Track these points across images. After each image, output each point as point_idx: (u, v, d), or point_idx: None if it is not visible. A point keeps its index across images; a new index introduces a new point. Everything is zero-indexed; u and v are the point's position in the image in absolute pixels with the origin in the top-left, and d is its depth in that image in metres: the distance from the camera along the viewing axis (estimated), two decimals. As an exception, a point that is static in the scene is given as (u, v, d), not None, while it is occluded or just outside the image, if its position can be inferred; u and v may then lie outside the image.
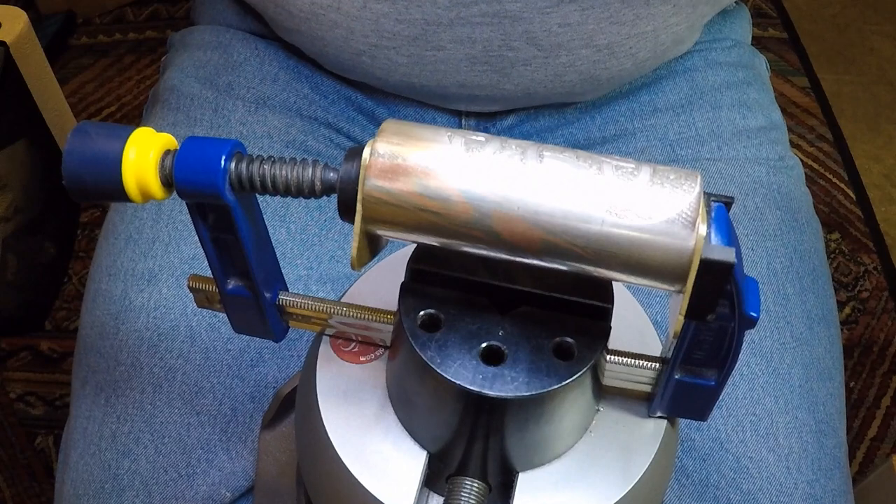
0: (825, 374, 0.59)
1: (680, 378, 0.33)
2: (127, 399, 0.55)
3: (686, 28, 0.63)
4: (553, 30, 0.58)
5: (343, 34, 0.60)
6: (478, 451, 0.34)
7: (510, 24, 0.58)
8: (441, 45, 0.59)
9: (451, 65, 0.60)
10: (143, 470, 0.53)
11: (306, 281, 0.60)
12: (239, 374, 0.55)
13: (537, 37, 0.58)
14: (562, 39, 0.59)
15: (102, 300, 0.60)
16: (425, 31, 0.59)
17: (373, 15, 0.58)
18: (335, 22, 0.60)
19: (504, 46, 0.59)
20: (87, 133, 0.31)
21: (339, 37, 0.61)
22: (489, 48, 0.59)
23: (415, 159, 0.29)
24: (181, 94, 0.68)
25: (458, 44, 0.59)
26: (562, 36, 0.58)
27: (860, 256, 1.38)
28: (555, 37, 0.58)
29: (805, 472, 0.54)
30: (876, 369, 1.26)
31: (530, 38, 0.58)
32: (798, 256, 0.62)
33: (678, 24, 0.62)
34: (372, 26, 0.59)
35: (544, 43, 0.59)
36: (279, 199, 0.62)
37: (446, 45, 0.59)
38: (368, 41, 0.60)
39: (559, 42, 0.59)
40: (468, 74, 0.61)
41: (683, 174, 0.29)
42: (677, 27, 0.62)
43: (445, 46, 0.59)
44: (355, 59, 0.62)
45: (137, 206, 0.62)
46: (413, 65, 0.61)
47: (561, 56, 0.60)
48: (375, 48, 0.60)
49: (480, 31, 0.58)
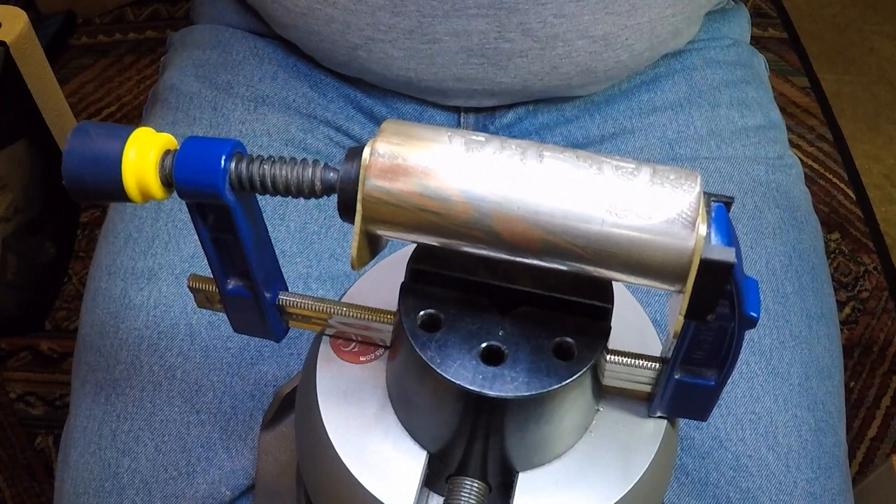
0: (824, 372, 0.59)
1: (680, 378, 0.33)
2: (127, 397, 0.55)
3: (683, 20, 0.64)
4: (548, 20, 0.58)
5: (339, 28, 0.61)
6: (478, 451, 0.34)
7: (505, 16, 0.58)
8: (436, 38, 0.59)
9: (448, 57, 0.61)
10: (143, 468, 0.53)
11: (306, 279, 0.60)
12: (239, 372, 0.55)
13: (532, 28, 0.59)
14: (557, 30, 0.59)
15: (102, 299, 0.60)
16: (421, 24, 0.59)
17: (368, 8, 0.59)
18: (331, 16, 0.60)
19: (500, 38, 0.59)
20: (87, 133, 0.31)
21: (335, 31, 0.61)
22: (485, 40, 0.59)
23: (415, 159, 0.29)
24: (180, 92, 0.68)
25: (454, 36, 0.59)
26: (557, 27, 0.59)
27: (860, 256, 1.38)
28: (550, 28, 0.59)
29: (804, 471, 0.54)
30: (876, 369, 1.26)
31: (525, 29, 0.59)
32: (797, 255, 0.62)
33: (674, 15, 0.62)
34: (368, 19, 0.59)
35: (540, 34, 0.59)
36: (277, 198, 0.62)
37: (442, 37, 0.59)
38: (364, 34, 0.60)
39: (555, 33, 0.59)
40: (464, 67, 0.61)
41: (683, 174, 0.29)
42: (674, 18, 0.62)
43: (441, 39, 0.60)
44: (351, 53, 0.62)
45: (137, 205, 0.63)
46: (409, 58, 0.61)
47: (557, 47, 0.60)
48: (371, 41, 0.61)
49: (476, 23, 0.59)
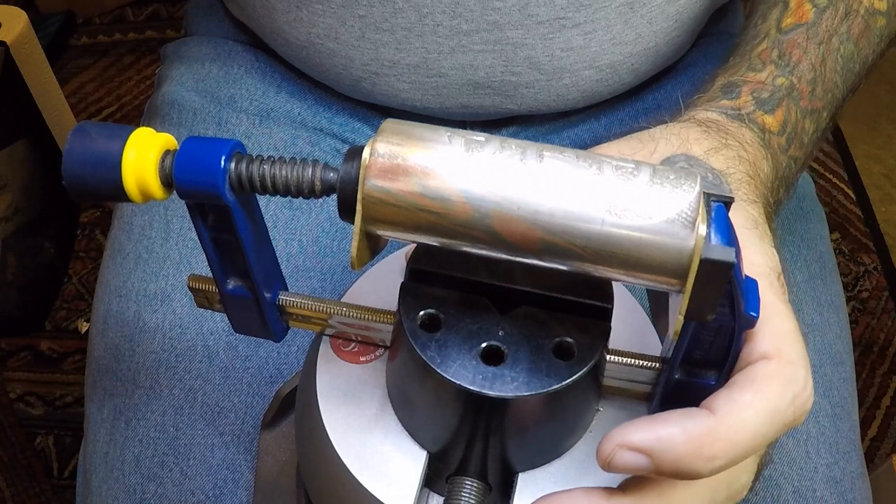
0: (837, 358, 0.59)
1: (680, 378, 0.33)
2: (149, 422, 0.55)
3: (687, 38, 0.64)
4: (556, 54, 0.58)
5: (342, 62, 0.60)
6: (478, 451, 0.34)
7: (512, 51, 0.58)
8: (442, 72, 0.59)
9: (454, 89, 0.60)
10: (170, 493, 0.53)
11: (321, 294, 0.59)
12: (259, 391, 0.55)
13: (540, 62, 0.58)
14: (565, 63, 0.59)
15: (115, 322, 0.59)
16: (426, 59, 0.58)
17: (371, 45, 0.58)
18: (333, 51, 0.60)
19: (506, 72, 0.59)
20: (86, 133, 0.31)
21: (337, 64, 0.60)
22: (491, 74, 0.59)
23: (415, 159, 0.29)
24: (182, 108, 0.67)
25: (460, 70, 0.59)
26: (564, 60, 0.58)
27: (860, 256, 1.38)
28: (557, 61, 0.58)
29: (824, 456, 0.54)
30: (876, 369, 1.26)
31: (533, 63, 0.58)
32: (805, 244, 0.63)
33: (679, 36, 0.62)
34: (371, 55, 0.59)
35: (547, 67, 0.59)
36: (288, 214, 0.61)
37: (447, 71, 0.59)
38: (368, 69, 0.60)
39: (562, 66, 0.59)
40: (471, 97, 0.61)
41: (683, 174, 0.29)
42: (678, 39, 0.62)
43: (447, 73, 0.59)
44: (356, 84, 0.62)
45: (145, 225, 0.62)
46: (415, 90, 0.60)
47: (564, 78, 0.60)
48: (376, 76, 0.60)
49: (482, 58, 0.58)
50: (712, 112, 0.45)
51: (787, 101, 0.47)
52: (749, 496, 0.52)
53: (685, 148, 0.41)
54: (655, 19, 0.59)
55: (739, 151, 0.42)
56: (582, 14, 0.56)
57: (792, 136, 0.47)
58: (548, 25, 0.57)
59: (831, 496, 0.53)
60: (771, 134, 0.46)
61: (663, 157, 0.41)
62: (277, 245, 0.59)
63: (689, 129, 0.43)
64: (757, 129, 0.45)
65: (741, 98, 0.47)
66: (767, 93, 0.47)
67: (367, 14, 0.57)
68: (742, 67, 0.49)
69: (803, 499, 0.52)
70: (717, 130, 0.43)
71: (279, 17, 0.60)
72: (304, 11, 0.58)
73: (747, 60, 0.49)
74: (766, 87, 0.47)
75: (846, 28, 0.50)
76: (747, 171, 0.42)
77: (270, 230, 0.35)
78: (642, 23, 0.58)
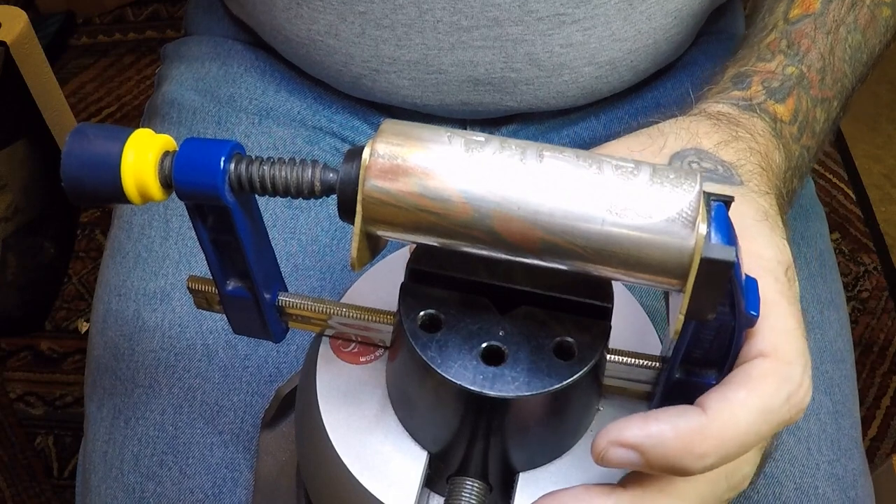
0: (838, 356, 0.59)
1: (680, 377, 0.33)
2: (147, 421, 0.55)
3: (687, 36, 0.64)
4: (555, 51, 0.58)
5: (342, 59, 0.60)
6: (478, 452, 0.34)
7: (512, 47, 0.58)
8: (442, 69, 0.59)
9: (454, 86, 0.60)
10: (170, 492, 0.53)
11: (320, 293, 0.59)
12: (258, 391, 0.55)
13: (539, 58, 0.58)
14: (564, 59, 0.59)
15: (114, 321, 0.59)
16: (426, 56, 0.59)
17: (371, 41, 0.58)
18: (333, 48, 0.60)
19: (506, 68, 0.59)
20: (85, 135, 0.31)
21: (337, 61, 0.61)
22: (491, 70, 0.59)
23: (414, 160, 0.29)
24: (182, 107, 0.67)
25: (460, 67, 0.59)
26: (564, 56, 0.59)
27: (860, 256, 1.38)
28: (557, 57, 0.59)
29: (826, 453, 0.54)
30: (876, 369, 1.26)
31: (532, 59, 0.59)
32: (805, 241, 0.63)
33: (679, 33, 0.62)
34: (371, 52, 0.59)
35: (546, 63, 0.59)
36: (288, 213, 0.62)
37: (448, 68, 0.59)
38: (369, 66, 0.60)
39: (562, 62, 0.59)
40: (470, 94, 0.61)
41: (683, 173, 0.29)
42: (678, 36, 0.63)
43: (447, 70, 0.59)
44: (356, 81, 0.62)
45: (144, 225, 0.62)
46: (415, 87, 0.61)
47: (564, 75, 0.60)
48: (376, 73, 0.60)
49: (482, 55, 0.58)
50: (723, 104, 0.45)
51: (797, 89, 0.47)
52: (751, 493, 0.52)
53: (695, 142, 0.41)
54: (654, 16, 0.59)
55: (750, 143, 0.42)
56: (581, 10, 0.57)
57: (804, 125, 0.47)
58: (547, 22, 0.57)
59: (834, 493, 0.53)
60: (782, 123, 0.45)
61: (673, 151, 0.41)
62: (276, 244, 0.59)
63: (699, 123, 0.42)
64: (768, 118, 0.45)
65: (752, 88, 0.46)
66: (778, 82, 0.47)
67: (368, 10, 0.57)
68: (751, 58, 0.49)
69: (806, 496, 0.53)
70: (728, 123, 0.43)
71: (279, 14, 0.60)
72: (305, 8, 0.59)
73: (756, 51, 0.49)
74: (777, 76, 0.47)
75: (853, 18, 0.50)
76: (759, 163, 0.41)
77: (269, 229, 0.35)
78: (641, 19, 0.58)
